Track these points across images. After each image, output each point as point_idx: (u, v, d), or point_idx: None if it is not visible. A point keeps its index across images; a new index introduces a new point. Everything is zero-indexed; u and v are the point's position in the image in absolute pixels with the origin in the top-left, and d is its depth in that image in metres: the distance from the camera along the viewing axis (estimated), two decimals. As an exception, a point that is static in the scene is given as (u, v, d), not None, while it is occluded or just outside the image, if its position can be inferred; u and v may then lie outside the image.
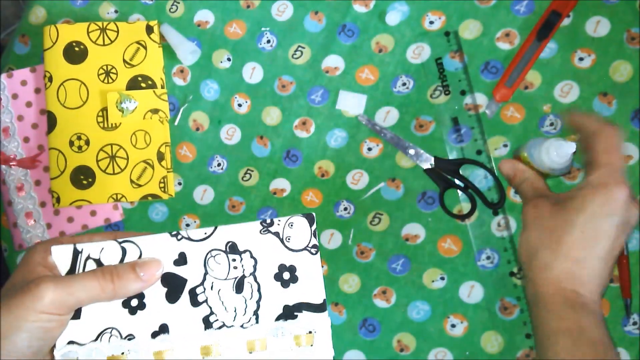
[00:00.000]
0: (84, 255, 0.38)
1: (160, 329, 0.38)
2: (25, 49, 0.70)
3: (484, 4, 0.62)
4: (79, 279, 0.36)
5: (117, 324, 0.38)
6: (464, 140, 0.61)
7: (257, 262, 0.39)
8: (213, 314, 0.38)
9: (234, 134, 0.66)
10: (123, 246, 0.39)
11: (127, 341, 0.38)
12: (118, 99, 0.64)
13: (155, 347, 0.38)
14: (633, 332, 0.58)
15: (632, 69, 0.59)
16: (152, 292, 0.38)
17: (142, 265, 0.38)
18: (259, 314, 0.39)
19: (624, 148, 0.56)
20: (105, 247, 0.38)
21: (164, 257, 0.39)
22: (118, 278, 0.37)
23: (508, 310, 0.60)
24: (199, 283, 0.39)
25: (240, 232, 0.39)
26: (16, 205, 0.67)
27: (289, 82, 0.65)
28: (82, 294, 0.36)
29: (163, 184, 0.65)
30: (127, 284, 0.37)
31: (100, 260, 0.38)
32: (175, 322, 0.38)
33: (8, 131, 0.67)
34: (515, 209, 0.60)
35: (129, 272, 0.37)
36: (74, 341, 0.37)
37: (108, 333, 0.38)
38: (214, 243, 0.39)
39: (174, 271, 0.39)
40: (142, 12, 0.68)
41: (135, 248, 0.39)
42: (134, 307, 0.38)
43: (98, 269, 0.37)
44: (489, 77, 0.61)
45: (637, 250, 0.58)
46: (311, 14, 0.65)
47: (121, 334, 0.38)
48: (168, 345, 0.38)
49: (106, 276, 0.36)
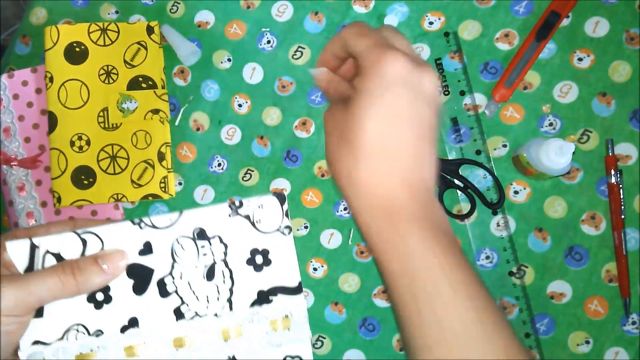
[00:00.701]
0: (41, 250, 0.36)
1: (129, 322, 0.36)
2: (26, 49, 0.70)
3: (484, 5, 0.62)
4: (38, 276, 0.34)
5: (84, 320, 0.36)
6: (464, 140, 0.62)
7: (228, 247, 0.37)
8: (184, 304, 0.37)
9: (234, 134, 0.66)
10: (83, 237, 0.36)
11: (95, 337, 0.36)
12: (119, 99, 0.64)
13: (126, 342, 0.36)
14: (632, 331, 0.58)
15: (631, 69, 0.59)
16: (118, 284, 0.36)
17: (104, 257, 0.35)
18: (232, 300, 0.37)
19: None
20: (64, 240, 0.36)
21: (127, 247, 0.36)
22: (80, 272, 0.34)
23: (507, 309, 0.60)
24: (167, 273, 0.37)
25: (208, 217, 0.37)
26: (17, 205, 0.67)
27: (289, 82, 0.65)
28: (43, 292, 0.34)
29: (164, 184, 0.65)
30: (90, 277, 0.35)
31: (60, 255, 0.36)
32: (145, 315, 0.37)
33: (9, 131, 0.67)
34: (515, 208, 0.61)
35: (91, 265, 0.35)
36: (39, 341, 0.36)
37: (74, 330, 0.36)
38: (181, 230, 0.37)
39: (139, 262, 0.37)
40: (143, 12, 0.68)
41: (97, 239, 0.36)
42: (100, 302, 0.36)
43: (58, 264, 0.35)
44: (488, 77, 0.62)
45: (636, 249, 0.58)
46: (311, 15, 0.65)
47: (88, 330, 0.36)
48: (139, 339, 0.36)
49: (67, 271, 0.34)
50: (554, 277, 0.60)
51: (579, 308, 0.59)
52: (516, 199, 0.61)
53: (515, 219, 0.61)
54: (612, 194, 0.58)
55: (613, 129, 0.59)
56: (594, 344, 0.59)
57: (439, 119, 0.37)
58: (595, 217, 0.59)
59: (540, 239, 0.60)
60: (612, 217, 0.58)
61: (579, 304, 0.59)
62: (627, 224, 0.58)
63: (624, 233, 0.58)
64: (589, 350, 0.59)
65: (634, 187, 0.59)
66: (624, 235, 0.58)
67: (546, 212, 0.60)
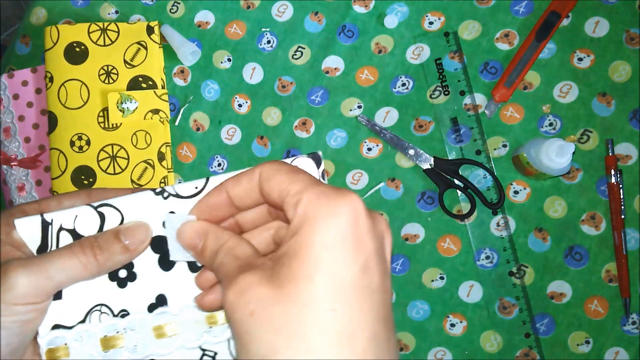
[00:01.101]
0: (55, 226, 0.32)
1: (157, 300, 0.33)
2: (26, 49, 0.70)
3: (484, 5, 0.62)
4: (54, 258, 0.30)
5: (106, 299, 0.32)
6: (464, 140, 0.62)
7: None
8: None
9: (234, 134, 0.66)
10: (100, 211, 0.32)
11: (120, 318, 0.32)
12: (119, 99, 0.64)
13: (155, 321, 0.33)
14: (632, 331, 0.58)
15: (631, 70, 0.59)
16: (143, 260, 0.33)
17: (126, 231, 0.31)
18: None
19: None
20: (80, 215, 0.32)
21: (150, 219, 0.32)
22: (101, 251, 0.31)
23: (507, 309, 0.60)
24: None
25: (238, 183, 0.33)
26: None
27: (289, 82, 0.65)
28: (61, 275, 0.30)
29: (164, 184, 0.65)
30: (112, 256, 0.31)
31: (76, 231, 0.32)
32: (174, 291, 0.33)
33: (9, 131, 0.67)
34: (515, 208, 0.61)
35: (113, 242, 0.31)
36: (59, 325, 0.32)
37: (97, 311, 0.32)
38: None
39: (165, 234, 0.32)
40: (143, 12, 0.68)
41: (115, 212, 0.32)
42: (123, 279, 0.33)
43: (76, 243, 0.31)
44: (488, 77, 0.62)
45: (636, 249, 0.58)
46: (311, 15, 0.65)
47: (112, 310, 0.32)
48: (169, 318, 0.33)
49: (86, 251, 0.30)
50: (554, 277, 0.60)
51: (579, 308, 0.59)
52: (516, 199, 0.61)
53: (515, 219, 0.61)
54: (612, 194, 0.58)
55: (613, 129, 0.59)
56: (594, 344, 0.59)
57: None
58: (595, 217, 0.59)
59: (540, 239, 0.60)
60: (612, 217, 0.58)
61: (579, 304, 0.59)
62: (627, 224, 0.58)
63: (624, 233, 0.58)
64: (589, 350, 0.59)
65: (634, 187, 0.59)
66: (624, 235, 0.58)
67: (546, 212, 0.60)
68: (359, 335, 0.25)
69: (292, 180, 0.28)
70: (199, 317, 0.33)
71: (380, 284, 0.27)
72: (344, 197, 0.27)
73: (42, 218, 0.32)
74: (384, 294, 0.27)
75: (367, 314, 0.26)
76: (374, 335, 0.26)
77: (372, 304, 0.26)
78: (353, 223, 0.26)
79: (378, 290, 0.26)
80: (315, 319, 0.25)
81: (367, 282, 0.26)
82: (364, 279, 0.26)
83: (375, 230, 0.27)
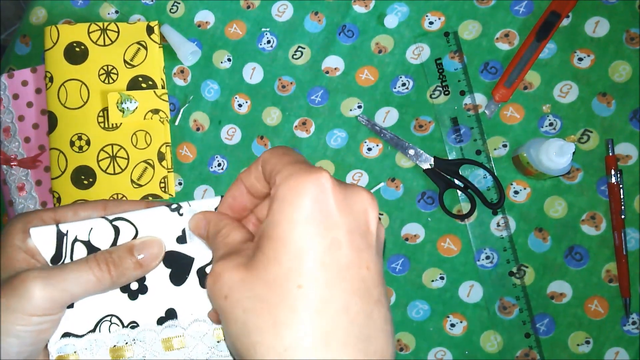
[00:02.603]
0: (70, 237, 0.32)
1: (167, 314, 0.34)
2: (26, 49, 0.70)
3: (484, 5, 0.62)
4: (71, 271, 0.31)
5: (117, 310, 0.33)
6: (464, 140, 0.62)
7: None
8: None
9: (234, 134, 0.66)
10: (115, 225, 0.33)
11: (130, 329, 0.33)
12: (119, 99, 0.64)
13: (164, 334, 0.33)
14: (632, 331, 0.58)
15: (631, 69, 0.59)
16: (154, 274, 0.34)
17: (140, 247, 0.32)
18: None
19: None
20: (95, 227, 0.33)
21: (164, 235, 0.33)
22: (114, 266, 0.31)
23: (507, 309, 0.60)
24: (208, 262, 0.34)
25: None
26: (17, 205, 0.67)
27: (289, 82, 0.65)
28: (76, 288, 0.31)
29: (164, 184, 0.65)
30: (126, 272, 0.32)
31: (91, 243, 0.33)
32: (184, 305, 0.34)
33: (9, 131, 0.67)
34: (515, 208, 0.61)
35: (127, 258, 0.32)
36: (69, 333, 0.33)
37: (107, 321, 0.33)
38: None
39: (178, 250, 0.34)
40: (143, 12, 0.68)
41: (130, 226, 0.33)
42: (135, 292, 0.33)
43: (91, 257, 0.32)
44: (489, 77, 0.62)
45: (636, 249, 0.58)
46: (311, 15, 0.65)
47: (122, 322, 0.33)
48: (178, 331, 0.33)
49: (102, 266, 0.31)
50: (554, 277, 0.60)
51: (579, 308, 0.59)
52: (516, 199, 0.61)
53: (515, 219, 0.61)
54: (612, 194, 0.58)
55: (613, 129, 0.59)
56: (594, 344, 0.59)
57: None
58: (595, 217, 0.59)
59: (540, 239, 0.60)
60: (612, 217, 0.58)
61: (579, 304, 0.59)
62: (627, 224, 0.58)
63: (624, 233, 0.58)
64: (589, 351, 0.59)
65: (634, 187, 0.59)
66: (624, 235, 0.58)
67: (546, 212, 0.60)
68: (328, 309, 0.26)
69: (278, 162, 0.29)
70: (208, 332, 0.34)
71: (354, 259, 0.27)
72: (310, 175, 0.27)
73: (57, 228, 0.32)
74: (359, 268, 0.27)
75: (337, 289, 0.26)
76: (345, 308, 0.26)
77: (344, 279, 0.26)
78: (319, 201, 0.27)
79: (351, 266, 0.27)
80: (282, 296, 0.26)
81: (337, 257, 0.27)
82: (332, 255, 0.26)
83: (352, 207, 0.28)
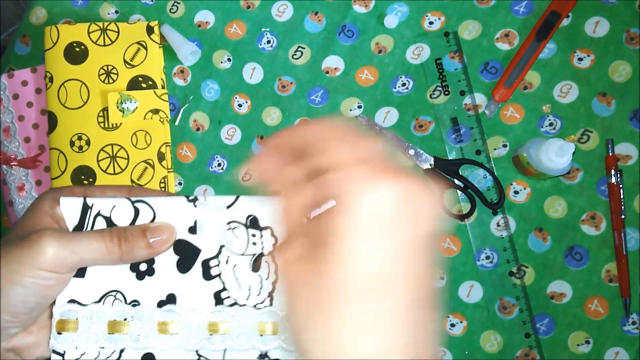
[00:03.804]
0: (94, 210, 0.35)
1: (167, 298, 0.35)
2: (26, 49, 0.70)
3: (484, 5, 0.62)
4: (84, 237, 0.33)
5: (123, 287, 0.35)
6: (464, 140, 0.62)
7: (278, 241, 0.36)
8: (225, 289, 0.35)
9: (234, 134, 0.66)
10: (136, 206, 0.35)
11: (131, 307, 0.35)
12: (119, 99, 0.64)
13: (161, 317, 0.35)
14: (632, 331, 0.58)
15: (631, 69, 0.59)
16: (163, 258, 0.36)
17: (153, 230, 0.35)
18: (274, 296, 0.35)
19: None
20: (117, 205, 0.35)
21: (178, 223, 0.35)
22: (126, 242, 0.34)
23: (507, 309, 0.60)
24: (213, 255, 0.35)
25: (263, 206, 0.36)
26: (17, 205, 0.67)
27: (289, 82, 0.65)
28: (85, 254, 0.33)
29: (164, 184, 0.65)
30: (135, 249, 0.34)
31: (111, 219, 0.35)
32: (185, 293, 0.35)
33: (9, 131, 0.67)
34: (515, 208, 0.61)
35: (139, 237, 0.34)
36: (75, 300, 0.35)
37: (112, 296, 0.35)
38: (235, 214, 0.36)
39: (188, 239, 0.36)
40: (143, 12, 0.68)
41: (149, 210, 0.35)
42: (142, 272, 0.35)
43: (106, 230, 0.34)
44: (489, 77, 0.62)
45: (636, 249, 0.58)
46: (311, 15, 0.65)
47: (126, 298, 0.35)
48: (174, 316, 0.35)
49: (114, 238, 0.34)
50: (554, 277, 0.60)
51: (579, 308, 0.59)
52: (516, 199, 0.61)
53: (515, 219, 0.61)
54: (612, 194, 0.58)
55: (613, 129, 0.59)
56: (594, 344, 0.59)
57: None
58: (595, 217, 0.59)
59: (540, 239, 0.60)
60: (612, 217, 0.58)
61: (579, 304, 0.59)
62: (627, 224, 0.58)
63: (624, 233, 0.58)
64: (589, 351, 0.59)
65: (634, 187, 0.59)
66: (624, 235, 0.58)
67: (546, 212, 0.60)
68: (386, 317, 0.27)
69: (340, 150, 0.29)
70: (202, 323, 0.35)
71: (408, 271, 0.27)
72: (380, 183, 0.27)
73: (84, 201, 0.35)
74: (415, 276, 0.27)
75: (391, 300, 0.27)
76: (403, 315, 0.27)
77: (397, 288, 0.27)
78: (386, 208, 0.26)
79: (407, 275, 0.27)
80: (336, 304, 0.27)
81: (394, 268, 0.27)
82: (391, 266, 0.27)
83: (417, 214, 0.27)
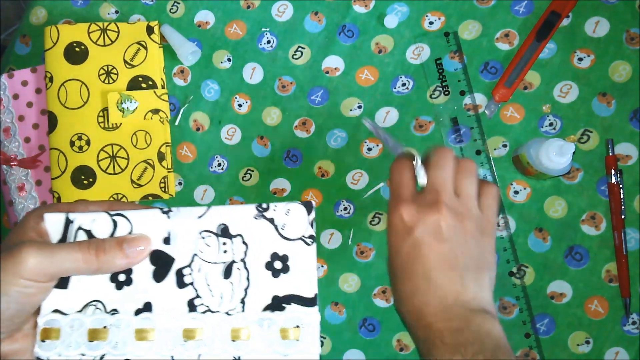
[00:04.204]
0: (75, 225, 0.38)
1: (144, 306, 0.37)
2: (26, 49, 0.70)
3: (484, 5, 0.62)
4: (64, 248, 0.36)
5: (103, 297, 0.38)
6: (464, 140, 0.62)
7: (249, 248, 0.38)
8: (198, 297, 0.37)
9: (234, 134, 0.66)
10: (114, 219, 0.38)
11: (110, 315, 0.37)
12: (119, 99, 0.64)
13: (138, 324, 0.37)
14: (632, 331, 0.58)
15: (631, 69, 0.59)
16: (140, 268, 0.38)
17: (130, 241, 0.37)
18: (245, 302, 0.37)
19: None
20: (97, 219, 0.38)
21: (154, 234, 0.38)
22: (103, 253, 0.36)
23: (507, 309, 0.60)
24: (186, 264, 0.38)
25: (233, 215, 0.38)
26: (17, 205, 0.67)
27: (289, 82, 0.65)
28: (64, 264, 0.35)
29: (164, 184, 0.65)
30: (112, 259, 0.36)
31: (91, 232, 0.38)
32: (160, 301, 0.38)
33: (9, 131, 0.67)
34: (515, 208, 0.61)
35: (115, 248, 0.36)
36: (59, 310, 0.37)
37: (93, 306, 0.37)
38: (206, 224, 0.38)
39: (163, 249, 0.38)
40: (143, 12, 0.68)
41: (127, 222, 0.38)
42: (121, 282, 0.38)
43: (85, 241, 0.37)
44: (489, 77, 0.62)
45: (636, 249, 0.58)
46: (311, 15, 0.65)
47: (105, 307, 0.37)
48: (150, 324, 0.37)
49: (91, 250, 0.36)
50: (554, 277, 0.60)
51: (579, 308, 0.59)
52: (516, 199, 0.61)
53: (515, 219, 0.61)
54: (612, 194, 0.58)
55: (613, 129, 0.59)
56: (594, 344, 0.59)
57: None
58: (595, 217, 0.59)
59: (540, 239, 0.60)
60: (612, 217, 0.58)
61: (579, 304, 0.59)
62: (627, 224, 0.58)
63: (624, 233, 0.58)
64: (589, 351, 0.59)
65: (634, 187, 0.59)
66: (624, 235, 0.58)
67: (546, 212, 0.60)
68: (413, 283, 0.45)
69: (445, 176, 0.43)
70: (177, 329, 0.37)
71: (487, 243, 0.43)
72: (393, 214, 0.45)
73: (66, 216, 0.38)
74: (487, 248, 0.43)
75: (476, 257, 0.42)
76: None
77: None
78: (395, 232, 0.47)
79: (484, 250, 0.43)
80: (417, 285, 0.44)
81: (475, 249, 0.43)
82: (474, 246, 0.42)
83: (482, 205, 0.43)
